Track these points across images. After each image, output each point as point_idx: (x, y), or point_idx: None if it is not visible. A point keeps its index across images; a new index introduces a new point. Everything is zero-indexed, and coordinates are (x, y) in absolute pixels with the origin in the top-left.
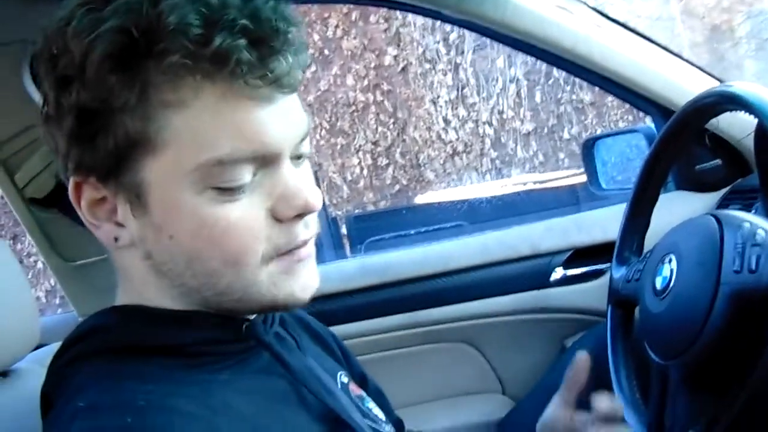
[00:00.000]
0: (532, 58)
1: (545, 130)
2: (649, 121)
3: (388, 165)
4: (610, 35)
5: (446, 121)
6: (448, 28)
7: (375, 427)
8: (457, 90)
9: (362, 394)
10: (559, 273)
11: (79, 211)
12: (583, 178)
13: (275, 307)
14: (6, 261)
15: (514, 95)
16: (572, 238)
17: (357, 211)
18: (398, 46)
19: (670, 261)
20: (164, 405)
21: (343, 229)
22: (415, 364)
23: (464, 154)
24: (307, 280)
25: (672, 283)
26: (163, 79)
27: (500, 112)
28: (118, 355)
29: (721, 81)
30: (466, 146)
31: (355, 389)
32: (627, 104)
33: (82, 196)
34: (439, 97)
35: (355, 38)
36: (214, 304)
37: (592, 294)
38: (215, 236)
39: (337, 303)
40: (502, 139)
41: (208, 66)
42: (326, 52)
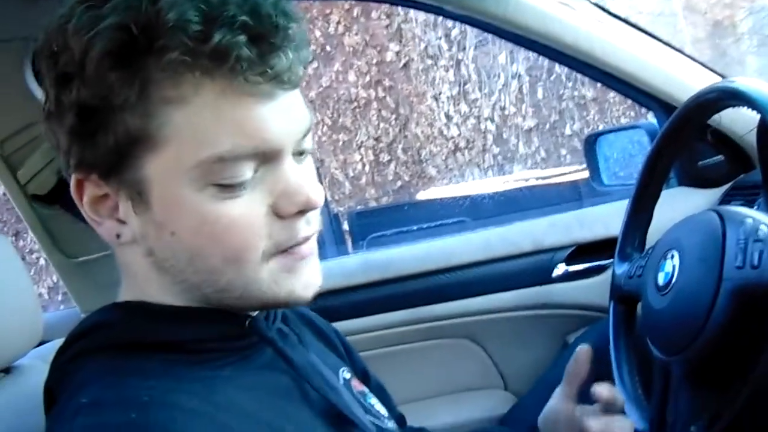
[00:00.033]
0: (534, 54)
1: (547, 126)
2: (651, 117)
3: (390, 161)
4: (611, 31)
5: (448, 117)
6: (449, 24)
7: (377, 423)
8: (459, 86)
9: (364, 390)
10: (561, 269)
11: (81, 208)
12: (585, 174)
13: (277, 304)
14: (8, 258)
15: (516, 91)
16: (574, 234)
17: (359, 207)
18: (400, 42)
19: (672, 257)
20: (167, 401)
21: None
22: (417, 360)
23: (466, 150)
24: (309, 278)
25: (674, 279)
26: (163, 75)
27: (502, 108)
28: (121, 351)
29: (723, 77)
30: (468, 142)
31: (357, 385)
32: (629, 100)
33: (84, 193)
34: (441, 93)
35: (356, 34)
36: (215, 300)
37: (595, 290)
38: (216, 233)
39: (339, 299)
40: (504, 135)
41: (207, 62)
42: (328, 48)
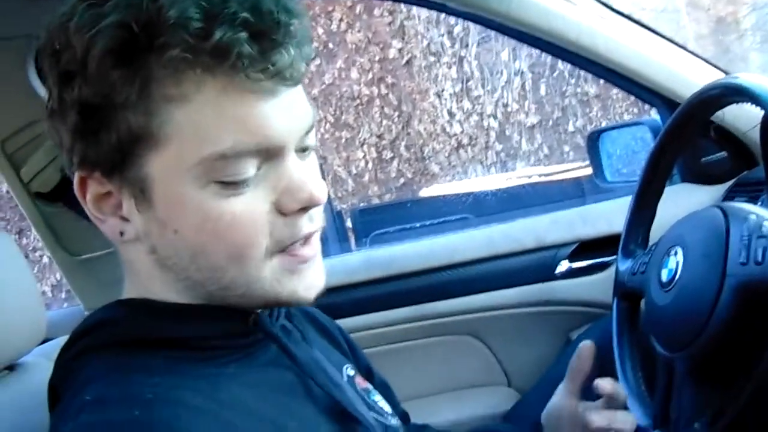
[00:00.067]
0: (537, 50)
1: (550, 122)
2: (655, 114)
3: (392, 158)
4: (614, 27)
5: (451, 114)
6: (452, 21)
7: (381, 419)
8: (462, 83)
9: (368, 387)
10: (564, 266)
11: (85, 205)
12: (589, 170)
13: (279, 303)
14: (12, 255)
15: (518, 88)
16: (577, 231)
17: (362, 204)
18: (403, 39)
19: (675, 253)
20: (171, 398)
21: (348, 223)
22: (420, 356)
23: (469, 147)
24: (312, 280)
25: (678, 276)
26: (165, 73)
27: (505, 105)
28: (125, 348)
29: (726, 73)
30: (470, 139)
31: (361, 382)
32: (632, 97)
33: (88, 190)
34: (443, 90)
35: (359, 31)
36: (219, 298)
37: (598, 287)
38: (219, 230)
39: (343, 296)
40: (507, 132)
41: (208, 60)
42: (330, 45)
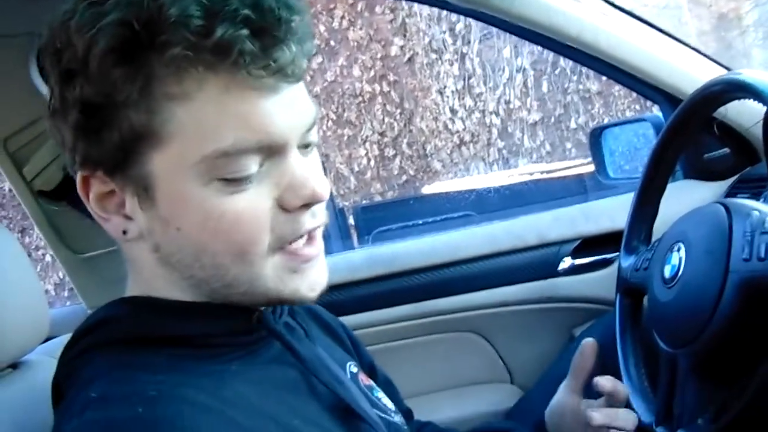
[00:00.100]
0: (539, 47)
1: (552, 119)
2: (657, 110)
3: (395, 155)
4: (616, 24)
5: (453, 111)
6: (454, 18)
7: (384, 416)
8: (464, 80)
9: (371, 384)
10: (567, 262)
11: (88, 204)
12: (591, 167)
13: (281, 301)
14: (14, 254)
15: (520, 85)
16: (580, 228)
17: (364, 201)
18: (404, 36)
19: (678, 249)
20: (175, 395)
21: (351, 220)
22: (423, 354)
23: (471, 144)
24: (314, 279)
25: (681, 272)
26: (166, 71)
27: (507, 102)
28: (128, 346)
29: (728, 69)
30: (473, 136)
31: (364, 379)
32: (634, 93)
33: (90, 189)
34: (445, 87)
35: (361, 29)
36: (222, 295)
37: (601, 283)
38: (222, 228)
39: (345, 293)
40: (509, 129)
41: (210, 57)
42: (332, 43)
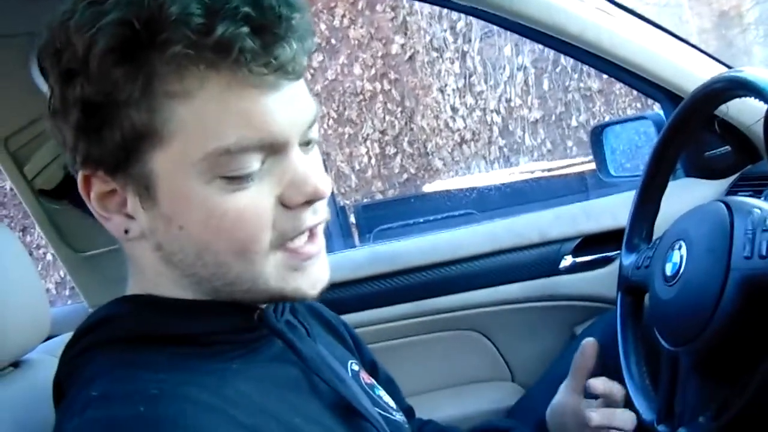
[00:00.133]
0: (540, 45)
1: (553, 117)
2: (658, 108)
3: (396, 154)
4: (617, 22)
5: (454, 109)
6: (455, 16)
7: (385, 415)
8: (465, 78)
9: (373, 382)
10: (568, 260)
11: (89, 204)
12: (592, 165)
13: (284, 298)
14: (16, 253)
15: (521, 83)
16: (581, 226)
17: (365, 200)
18: (405, 34)
19: (680, 247)
20: (177, 394)
21: (352, 218)
22: (424, 352)
23: (472, 143)
24: (316, 277)
25: (682, 270)
26: (167, 70)
27: (508, 100)
28: (130, 344)
29: (729, 67)
30: (474, 134)
31: (365, 377)
32: (635, 91)
33: (92, 189)
34: (446, 85)
35: (361, 27)
36: (224, 294)
37: (602, 281)
38: (224, 226)
39: (346, 292)
40: (510, 127)
41: (211, 55)
42: (333, 41)
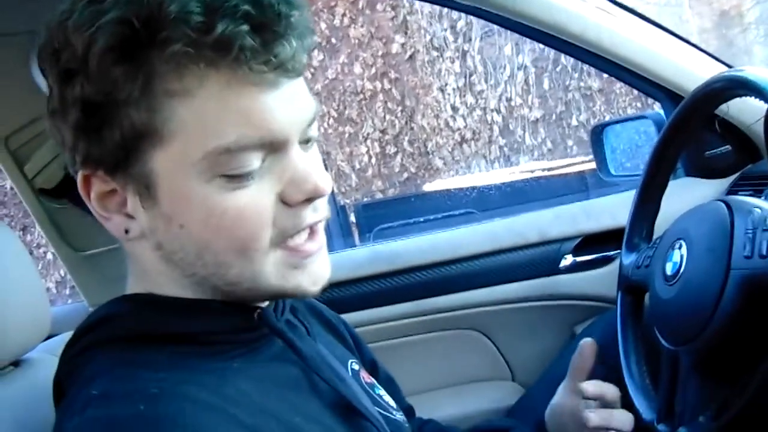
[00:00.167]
0: (540, 44)
1: (553, 117)
2: (658, 108)
3: (396, 153)
4: (618, 21)
5: (454, 108)
6: (455, 16)
7: (386, 414)
8: (465, 77)
9: (373, 381)
10: (568, 260)
11: (89, 204)
12: (592, 164)
13: (285, 295)
14: (16, 252)
15: (522, 82)
16: (581, 225)
17: (365, 199)
18: (405, 33)
19: (680, 247)
20: (177, 392)
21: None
22: (424, 351)
23: (472, 142)
24: (317, 273)
25: (682, 269)
26: (167, 68)
27: (508, 100)
28: (130, 343)
29: (730, 67)
30: (474, 134)
31: (365, 377)
32: (635, 91)
33: (92, 189)
34: (446, 84)
35: (362, 26)
36: (225, 293)
37: (602, 280)
38: (225, 224)
39: (347, 291)
40: (511, 127)
41: (211, 54)
42: (333, 40)
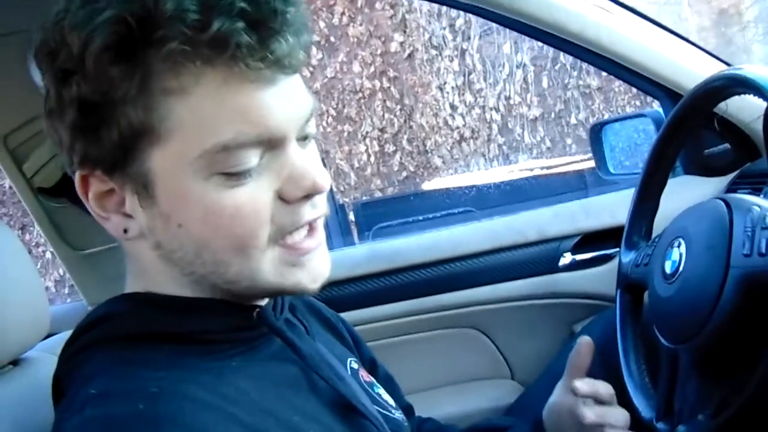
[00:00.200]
0: (539, 43)
1: (552, 115)
2: (657, 106)
3: (395, 151)
4: (617, 19)
5: (453, 107)
6: (454, 14)
7: (385, 413)
8: (464, 76)
9: (372, 380)
10: (567, 258)
11: (87, 203)
12: (591, 163)
13: (284, 293)
14: (15, 251)
15: (521, 81)
16: (580, 223)
17: (365, 198)
18: (404, 32)
19: (679, 245)
20: (176, 391)
21: (351, 216)
22: (424, 350)
23: (471, 140)
24: (316, 270)
25: (681, 267)
26: (163, 67)
27: (507, 98)
28: (129, 342)
29: (729, 65)
30: (473, 132)
31: (365, 375)
32: (634, 89)
33: (90, 189)
34: (445, 83)
35: (361, 25)
36: (224, 291)
37: (601, 279)
38: (223, 222)
39: (346, 289)
40: (510, 125)
41: (207, 51)
42: (332, 39)
